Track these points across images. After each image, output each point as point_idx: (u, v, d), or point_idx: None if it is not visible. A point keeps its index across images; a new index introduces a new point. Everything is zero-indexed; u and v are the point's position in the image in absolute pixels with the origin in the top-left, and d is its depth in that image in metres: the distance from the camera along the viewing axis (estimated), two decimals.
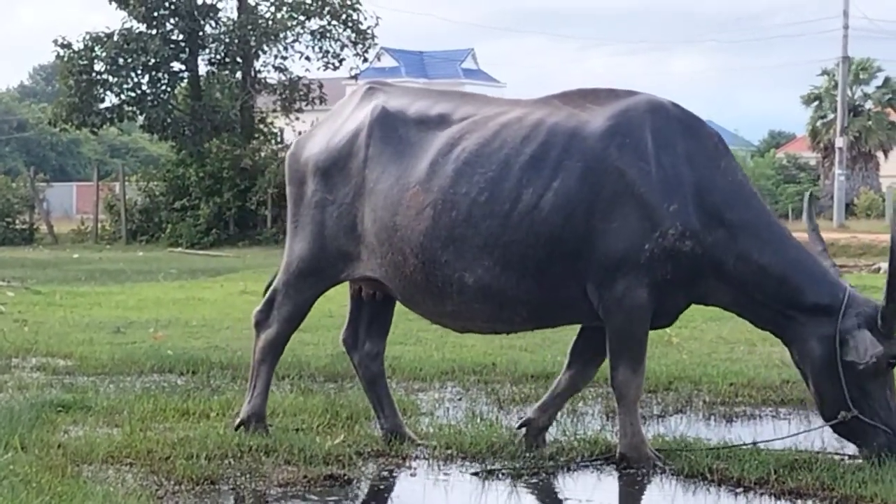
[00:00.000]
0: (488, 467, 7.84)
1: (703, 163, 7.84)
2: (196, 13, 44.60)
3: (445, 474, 7.82)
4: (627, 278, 7.65)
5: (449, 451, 8.22)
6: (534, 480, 7.69)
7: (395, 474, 7.86)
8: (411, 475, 7.84)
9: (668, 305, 7.89)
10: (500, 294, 7.87)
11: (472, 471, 7.83)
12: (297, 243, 8.49)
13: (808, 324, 7.76)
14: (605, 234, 7.65)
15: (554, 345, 13.41)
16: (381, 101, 8.36)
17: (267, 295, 8.67)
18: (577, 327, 8.37)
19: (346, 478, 7.62)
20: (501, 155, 7.87)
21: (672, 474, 7.71)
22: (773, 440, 8.25)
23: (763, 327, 8.09)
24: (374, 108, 8.32)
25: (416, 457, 8.16)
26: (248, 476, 7.58)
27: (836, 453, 8.07)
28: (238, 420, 8.57)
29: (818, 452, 7.96)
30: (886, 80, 71.41)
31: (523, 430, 8.34)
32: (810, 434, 8.54)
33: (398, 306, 8.63)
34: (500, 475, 7.72)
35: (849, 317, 7.67)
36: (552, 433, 8.74)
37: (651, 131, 7.80)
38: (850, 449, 8.10)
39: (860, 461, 7.75)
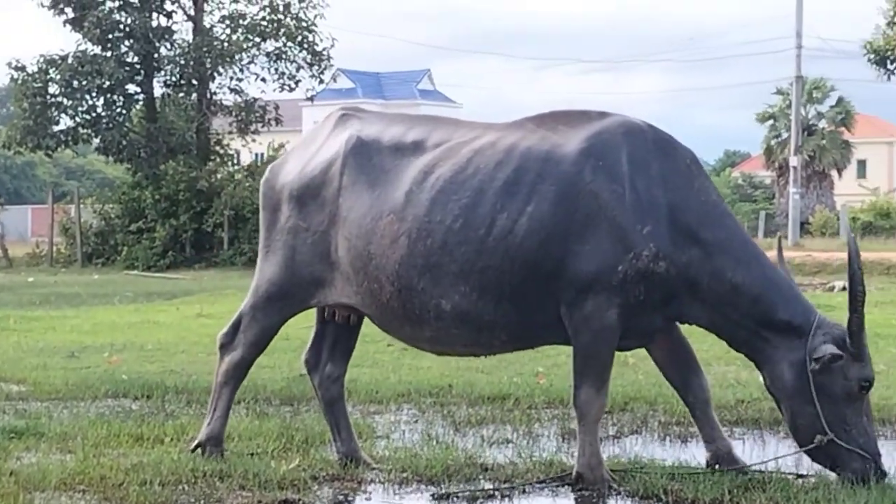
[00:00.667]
0: (444, 490, 7.82)
1: (677, 183, 7.87)
2: (151, 35, 44.48)
3: (401, 498, 7.79)
4: (598, 299, 7.66)
5: (404, 475, 8.19)
6: (490, 503, 7.67)
7: (350, 498, 7.82)
8: (366, 499, 7.81)
9: (643, 325, 7.90)
10: (478, 319, 7.89)
11: (429, 494, 7.81)
12: (267, 267, 8.49)
13: (780, 346, 7.79)
14: (579, 255, 7.67)
15: (510, 366, 13.44)
16: (355, 131, 8.37)
17: (233, 318, 8.64)
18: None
19: (300, 502, 7.58)
20: (475, 181, 7.88)
21: (627, 495, 7.71)
22: (765, 461, 8.24)
23: (738, 349, 8.10)
24: (349, 137, 8.32)
25: (372, 480, 8.14)
26: (202, 502, 7.53)
27: (790, 474, 8.09)
28: (195, 442, 8.54)
29: (772, 473, 7.97)
30: (840, 99, 71.96)
31: (718, 467, 8.12)
32: (764, 454, 8.58)
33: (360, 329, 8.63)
34: (456, 498, 7.69)
35: (818, 336, 7.71)
36: (508, 455, 8.74)
37: (625, 153, 7.82)
38: (804, 469, 8.14)
39: (813, 482, 7.77)
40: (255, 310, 8.53)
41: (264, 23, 45.12)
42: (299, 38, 45.39)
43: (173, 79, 45.76)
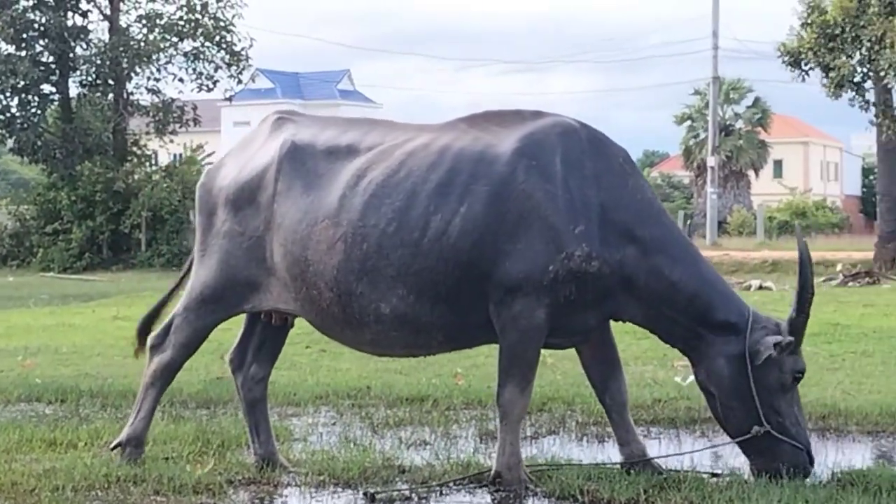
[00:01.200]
0: (362, 491, 7.79)
1: (611, 182, 7.89)
2: (66, 35, 44.08)
3: (317, 501, 7.74)
4: (527, 299, 7.67)
5: (321, 478, 8.14)
6: None
7: (266, 503, 7.77)
8: (283, 503, 7.76)
9: (575, 324, 7.90)
10: (416, 321, 7.88)
11: (345, 497, 7.77)
12: (202, 271, 8.44)
13: (716, 342, 7.85)
14: (510, 254, 7.67)
15: (429, 367, 13.42)
16: (289, 135, 8.34)
17: (166, 319, 8.59)
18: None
19: None
20: (408, 184, 7.87)
21: (543, 496, 7.72)
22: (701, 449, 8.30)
23: (673, 345, 8.15)
24: (284, 142, 8.29)
25: (288, 484, 8.08)
26: None
27: (705, 473, 8.13)
28: (116, 441, 8.47)
29: (687, 472, 8.01)
30: (756, 99, 72.70)
31: (635, 467, 8.13)
32: (680, 453, 8.64)
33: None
34: (375, 500, 7.66)
35: (755, 331, 7.78)
36: (425, 457, 8.73)
37: (558, 153, 7.84)
38: (720, 468, 8.20)
39: (728, 481, 7.82)
40: (187, 311, 8.48)
41: (181, 22, 44.83)
42: (217, 37, 45.15)
43: (89, 79, 45.34)
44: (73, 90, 45.82)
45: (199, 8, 44.93)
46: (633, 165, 8.16)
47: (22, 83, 43.53)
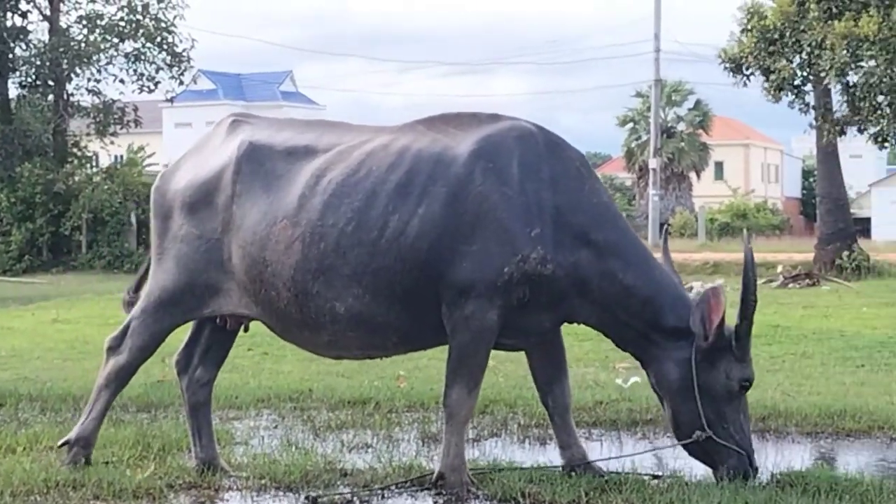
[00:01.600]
0: (305, 495, 7.76)
1: (567, 185, 7.92)
2: (5, 35, 43.67)
3: None
4: (480, 300, 7.68)
5: (263, 482, 8.11)
6: None
7: None
8: None
9: (529, 326, 7.93)
10: (371, 321, 7.88)
11: (286, 501, 7.75)
12: (160, 274, 8.37)
13: (667, 347, 7.87)
14: (465, 256, 7.68)
15: (371, 370, 13.41)
16: (247, 136, 8.32)
17: (124, 322, 8.50)
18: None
19: None
20: (367, 184, 7.87)
21: (485, 498, 7.71)
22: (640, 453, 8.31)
23: (624, 348, 8.16)
24: (241, 143, 8.26)
25: (229, 488, 8.04)
26: None
27: (646, 475, 8.16)
28: (64, 439, 8.41)
29: (628, 474, 8.04)
30: (698, 102, 73.16)
31: (577, 470, 8.17)
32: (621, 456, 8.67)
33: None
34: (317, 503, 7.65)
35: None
36: (367, 460, 8.72)
37: (515, 156, 7.86)
38: (661, 470, 8.23)
39: (668, 482, 7.86)
40: (145, 314, 8.40)
41: (122, 23, 44.49)
42: (158, 38, 44.83)
43: (29, 79, 44.88)
44: (13, 91, 45.40)
45: (139, 9, 44.61)
46: (589, 169, 8.19)
47: None
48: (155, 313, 8.38)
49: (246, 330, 8.66)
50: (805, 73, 32.05)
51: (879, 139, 30.98)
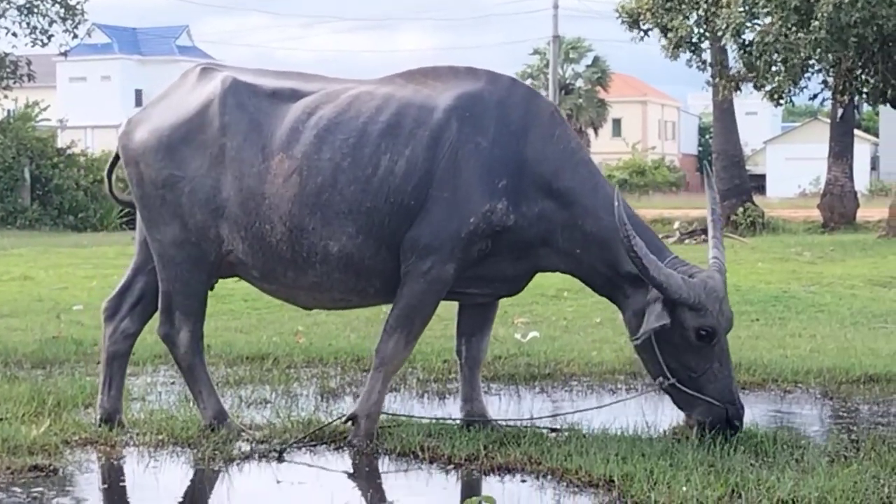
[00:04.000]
0: (201, 453, 7.72)
1: (537, 134, 7.95)
2: None
3: (156, 460, 7.66)
4: (441, 253, 7.70)
5: (160, 437, 8.06)
6: (246, 465, 7.59)
7: (103, 463, 7.66)
8: (121, 463, 7.65)
9: (492, 275, 7.98)
10: (360, 263, 7.87)
11: (184, 456, 7.71)
12: (158, 231, 8.14)
13: (631, 294, 7.91)
14: (437, 202, 7.71)
15: (270, 325, 13.39)
16: (227, 75, 8.22)
17: (160, 304, 8.26)
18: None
19: (51, 468, 7.39)
20: (359, 122, 7.89)
21: (384, 453, 7.73)
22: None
23: (600, 293, 8.19)
24: (224, 79, 8.17)
25: (126, 444, 7.98)
26: None
27: (544, 428, 8.22)
28: (206, 425, 8.21)
29: (527, 428, 8.08)
30: (596, 59, 73.48)
31: (475, 425, 8.16)
32: (521, 408, 8.72)
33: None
34: (213, 461, 7.60)
35: (654, 290, 7.75)
36: (266, 415, 8.69)
37: (491, 107, 7.91)
38: (557, 424, 8.30)
39: (566, 435, 7.91)
40: (174, 282, 8.15)
41: None
42: None
43: None
44: None
45: None
46: (561, 117, 8.21)
47: None
48: (181, 275, 8.13)
49: (210, 288, 8.42)
50: (702, 31, 32.28)
51: (775, 96, 31.30)
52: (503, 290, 8.25)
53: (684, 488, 6.59)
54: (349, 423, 7.93)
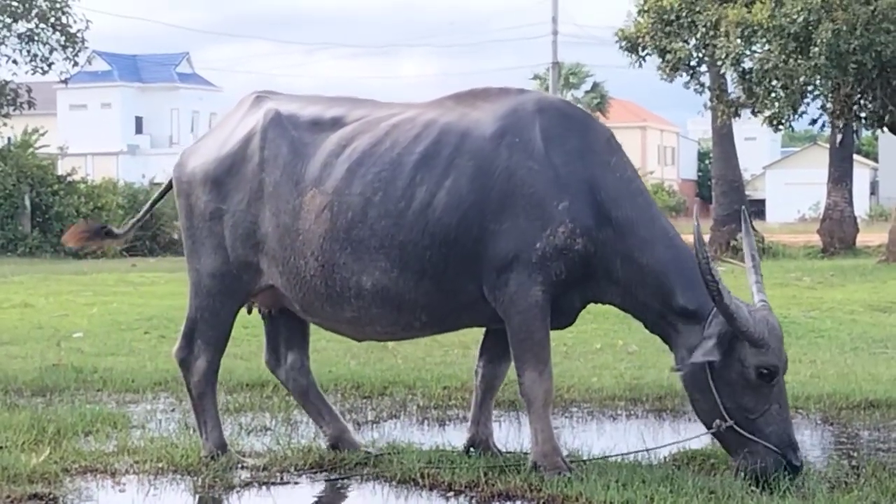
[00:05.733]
0: (201, 480, 7.71)
1: (593, 160, 7.80)
2: None
3: (156, 488, 7.65)
4: (520, 278, 7.56)
5: (160, 465, 8.05)
6: (246, 493, 7.59)
7: (103, 491, 7.65)
8: (120, 491, 7.64)
9: (563, 305, 7.81)
10: (398, 297, 7.77)
11: (184, 484, 7.70)
12: (199, 260, 8.22)
13: (683, 331, 7.66)
14: (498, 234, 7.59)
15: None
16: (272, 106, 8.24)
17: (182, 328, 8.34)
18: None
19: (51, 496, 7.37)
20: (394, 154, 7.81)
21: (385, 481, 7.71)
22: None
23: (651, 330, 7.96)
24: (267, 111, 8.19)
25: (126, 472, 7.97)
26: None
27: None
28: (205, 456, 8.18)
29: (526, 454, 8.06)
30: (595, 84, 73.59)
31: (472, 450, 8.17)
32: (521, 435, 8.72)
33: None
34: (213, 488, 7.59)
35: (714, 325, 7.52)
36: (266, 443, 8.68)
37: (540, 129, 7.76)
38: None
39: (568, 461, 7.88)
40: (202, 310, 8.23)
41: (15, 3, 43.77)
42: (52, 19, 44.12)
43: None
44: None
45: None
46: (616, 144, 8.02)
47: None
48: (211, 304, 8.21)
49: (249, 312, 8.52)
50: (700, 55, 32.33)
51: (774, 122, 31.34)
52: (565, 323, 8.04)
53: None
54: (535, 470, 7.63)
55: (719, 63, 30.73)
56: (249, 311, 8.53)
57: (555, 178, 7.66)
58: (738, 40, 29.60)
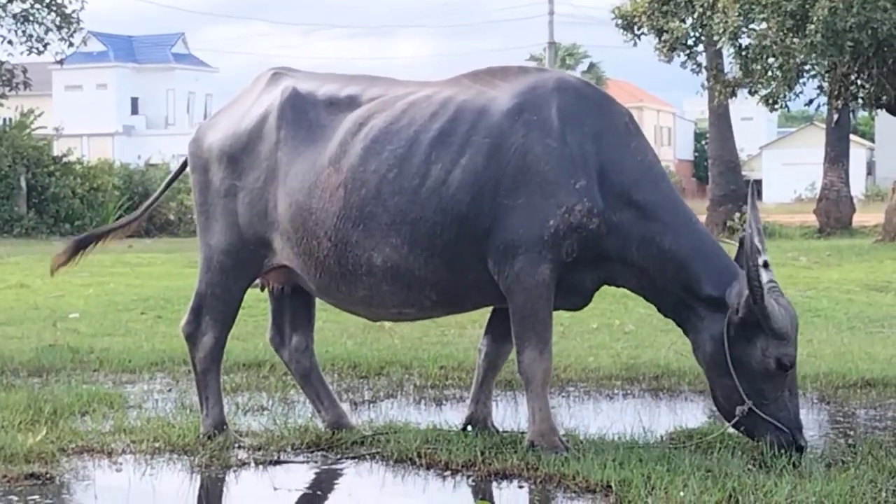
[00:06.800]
0: (198, 460, 7.71)
1: (612, 142, 7.76)
2: None
3: (153, 468, 7.65)
4: (529, 255, 7.52)
5: (157, 445, 8.05)
6: (243, 472, 7.59)
7: (100, 470, 7.65)
8: (117, 471, 7.64)
9: (574, 285, 7.77)
10: (408, 274, 7.74)
11: (181, 464, 7.70)
12: (212, 237, 8.21)
13: (704, 317, 7.66)
14: (511, 210, 7.56)
15: (266, 333, 13.31)
16: (290, 84, 8.20)
17: (191, 303, 8.33)
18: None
19: (47, 476, 7.38)
20: (410, 132, 7.77)
21: (382, 460, 7.72)
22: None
23: (666, 314, 7.96)
24: (285, 89, 8.15)
25: (123, 451, 7.96)
26: None
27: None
28: (203, 433, 8.20)
29: (523, 433, 8.06)
30: (592, 65, 73.52)
31: (469, 427, 8.19)
32: (518, 414, 8.72)
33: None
34: (210, 468, 7.59)
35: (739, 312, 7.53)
36: (262, 422, 8.68)
37: (557, 108, 7.71)
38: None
39: (564, 440, 7.88)
40: (212, 285, 8.23)
41: None
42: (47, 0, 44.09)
43: None
44: None
45: None
46: (637, 128, 7.98)
47: None
48: (222, 281, 8.21)
49: (262, 289, 8.52)
50: (697, 34, 32.27)
51: (771, 101, 31.29)
52: (578, 303, 8.03)
53: (682, 493, 6.58)
54: (532, 449, 7.66)
55: (716, 39, 30.64)
56: (262, 289, 8.51)
57: (571, 157, 7.62)
58: (737, 14, 29.50)
